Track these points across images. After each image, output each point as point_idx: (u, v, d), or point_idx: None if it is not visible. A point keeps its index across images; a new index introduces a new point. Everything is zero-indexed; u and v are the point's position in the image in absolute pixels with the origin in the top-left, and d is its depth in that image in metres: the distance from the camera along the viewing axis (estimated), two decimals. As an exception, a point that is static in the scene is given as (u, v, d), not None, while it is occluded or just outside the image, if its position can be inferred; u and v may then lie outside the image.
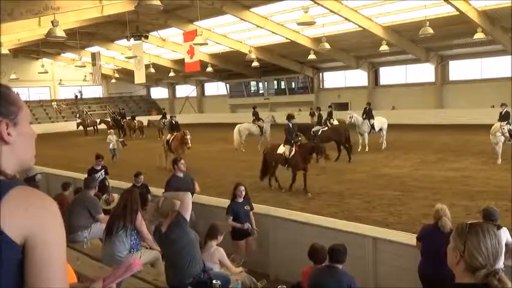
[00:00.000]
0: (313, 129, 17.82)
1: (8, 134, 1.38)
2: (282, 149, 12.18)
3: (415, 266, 5.16)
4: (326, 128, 18.09)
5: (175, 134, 16.78)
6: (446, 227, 4.88)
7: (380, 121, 19.09)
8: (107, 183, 10.14)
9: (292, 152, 11.83)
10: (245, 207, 6.99)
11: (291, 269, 6.21)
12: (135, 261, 1.82)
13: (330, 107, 22.32)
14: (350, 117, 18.84)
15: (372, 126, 18.73)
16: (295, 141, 12.05)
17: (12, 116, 1.39)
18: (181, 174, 7.86)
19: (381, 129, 19.06)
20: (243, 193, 7.01)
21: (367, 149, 18.26)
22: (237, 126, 21.19)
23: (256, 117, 22.03)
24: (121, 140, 20.44)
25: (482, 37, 22.55)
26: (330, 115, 20.97)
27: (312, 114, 26.88)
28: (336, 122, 20.68)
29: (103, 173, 10.14)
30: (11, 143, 1.39)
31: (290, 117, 12.49)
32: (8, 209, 1.25)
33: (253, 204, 7.31)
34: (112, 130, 21.54)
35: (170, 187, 7.37)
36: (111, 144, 19.74)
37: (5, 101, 1.40)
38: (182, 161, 7.91)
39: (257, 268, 6.68)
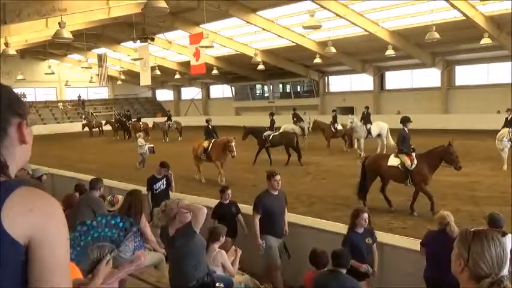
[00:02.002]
0: (264, 134, 17.69)
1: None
2: (395, 161, 10.08)
3: (419, 271, 5.14)
4: (276, 133, 17.91)
5: (213, 140, 14.68)
6: (455, 233, 4.84)
7: (378, 126, 18.81)
8: (170, 192, 8.88)
9: (414, 163, 9.81)
10: (366, 240, 5.61)
11: (294, 273, 6.20)
12: (139, 256, 1.79)
13: (334, 111, 22.35)
14: (351, 122, 18.75)
15: (369, 131, 18.55)
16: (411, 150, 10.03)
17: (25, 116, 1.41)
18: (275, 192, 6.46)
19: (379, 135, 18.80)
20: (366, 222, 5.59)
21: (363, 154, 17.92)
22: (283, 126, 20.96)
23: (298, 119, 22.47)
24: (151, 145, 18.67)
25: (488, 42, 22.48)
26: (334, 119, 20.97)
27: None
28: (340, 127, 20.65)
29: (164, 183, 8.81)
30: (27, 143, 1.42)
31: (406, 120, 10.38)
32: (12, 209, 1.25)
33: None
34: (141, 133, 20.09)
35: (263, 206, 6.30)
36: (144, 148, 18.14)
37: (20, 102, 1.42)
38: (278, 176, 6.37)
39: (261, 271, 6.67)
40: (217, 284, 4.61)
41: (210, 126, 15.45)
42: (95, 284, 1.65)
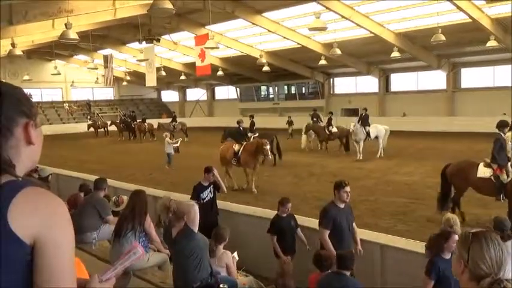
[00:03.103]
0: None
1: None
2: (486, 171, 8.88)
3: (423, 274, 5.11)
4: (257, 134, 17.72)
5: (244, 143, 13.50)
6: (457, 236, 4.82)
7: (376, 128, 18.76)
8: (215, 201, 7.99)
9: (510, 176, 8.57)
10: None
11: (299, 275, 6.18)
12: (135, 246, 1.74)
13: (330, 113, 22.39)
14: (354, 125, 18.66)
15: (368, 134, 18.52)
16: (506, 161, 8.77)
17: (34, 117, 1.42)
18: (342, 205, 5.73)
19: (376, 137, 18.76)
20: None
21: (361, 157, 17.79)
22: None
23: (318, 119, 22.55)
24: (176, 145, 18.24)
25: (494, 45, 22.40)
26: (329, 122, 21.03)
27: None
28: (335, 130, 20.61)
29: (212, 191, 7.83)
30: (35, 144, 1.42)
31: (504, 125, 9.14)
32: (18, 209, 1.26)
33: (260, 208, 7.08)
34: (168, 133, 19.70)
35: (328, 219, 5.60)
36: (171, 148, 17.78)
37: (28, 102, 1.42)
38: (348, 187, 5.71)
39: (265, 273, 6.67)
40: (221, 285, 4.62)
41: (241, 128, 14.55)
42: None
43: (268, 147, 12.78)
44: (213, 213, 7.67)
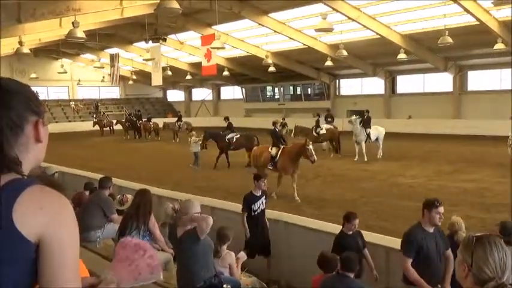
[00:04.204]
0: (228, 137, 17.65)
1: None
2: None
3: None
4: (239, 135, 17.85)
5: (282, 146, 12.25)
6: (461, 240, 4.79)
7: (377, 130, 18.78)
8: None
9: None
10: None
11: (302, 276, 6.18)
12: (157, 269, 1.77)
13: (317, 115, 22.31)
14: (353, 119, 18.65)
15: (368, 135, 18.50)
16: None
17: (42, 115, 1.43)
18: (431, 229, 4.71)
19: (377, 139, 18.73)
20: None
21: (365, 159, 17.77)
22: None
23: (332, 119, 22.36)
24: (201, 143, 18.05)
25: (502, 48, 22.27)
26: (317, 124, 21.02)
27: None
28: (323, 131, 20.55)
29: (264, 202, 7.01)
30: (43, 142, 1.43)
31: None
32: (23, 207, 1.26)
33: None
34: (194, 132, 19.37)
35: (412, 244, 4.65)
36: (197, 147, 17.57)
37: (37, 100, 1.43)
38: (442, 208, 4.72)
39: (268, 274, 6.66)
40: (224, 286, 4.61)
41: (276, 130, 12.92)
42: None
43: (311, 146, 11.58)
44: (265, 228, 6.95)
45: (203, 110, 49.21)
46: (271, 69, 31.31)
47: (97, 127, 37.65)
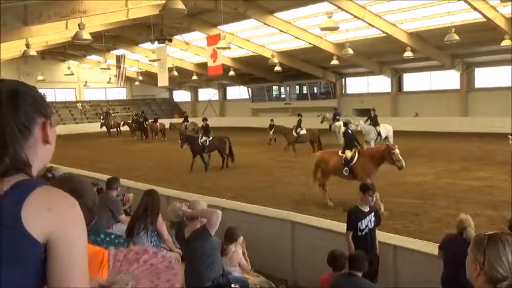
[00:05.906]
0: (201, 140, 17.57)
1: None
2: None
3: (437, 276, 5.08)
4: (212, 138, 17.77)
5: (358, 149, 11.10)
6: (470, 238, 4.77)
7: (386, 128, 18.84)
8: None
9: None
10: None
11: (310, 275, 6.17)
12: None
13: (299, 115, 22.26)
14: (356, 124, 18.56)
15: (379, 134, 18.44)
16: None
17: (50, 116, 1.44)
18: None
19: (386, 137, 18.75)
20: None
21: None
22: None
23: (298, 125, 22.10)
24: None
25: (509, 44, 22.09)
26: (298, 124, 20.99)
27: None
28: (303, 132, 20.42)
29: (373, 219, 5.94)
30: (51, 144, 1.44)
31: None
32: (31, 207, 1.27)
33: (271, 208, 6.88)
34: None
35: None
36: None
37: (44, 102, 1.44)
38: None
39: (276, 273, 6.66)
40: (232, 285, 4.62)
41: (349, 131, 11.50)
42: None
43: (398, 151, 10.16)
44: (374, 250, 5.92)
45: (209, 110, 49.27)
46: (277, 68, 31.28)
47: (104, 128, 37.82)
